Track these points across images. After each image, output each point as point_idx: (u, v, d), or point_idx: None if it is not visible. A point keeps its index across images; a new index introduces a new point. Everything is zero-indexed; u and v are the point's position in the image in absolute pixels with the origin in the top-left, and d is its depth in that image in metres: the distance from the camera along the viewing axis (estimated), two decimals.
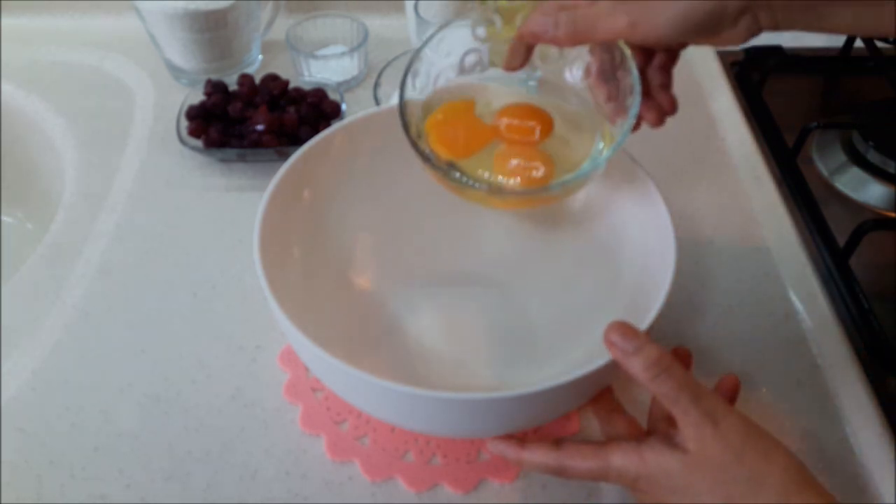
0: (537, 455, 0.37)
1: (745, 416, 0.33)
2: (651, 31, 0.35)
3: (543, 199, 0.43)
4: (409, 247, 0.52)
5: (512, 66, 0.41)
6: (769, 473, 0.32)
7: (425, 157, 0.40)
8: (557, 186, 0.39)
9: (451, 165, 0.40)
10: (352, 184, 0.47)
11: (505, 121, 0.41)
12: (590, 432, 0.45)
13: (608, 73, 0.40)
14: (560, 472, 0.36)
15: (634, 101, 0.37)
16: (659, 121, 0.40)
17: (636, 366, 0.33)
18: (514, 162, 0.40)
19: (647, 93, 0.39)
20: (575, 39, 0.37)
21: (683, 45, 0.37)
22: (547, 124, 0.41)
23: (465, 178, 0.40)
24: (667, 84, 0.40)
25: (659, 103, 0.40)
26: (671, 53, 0.39)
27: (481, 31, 0.42)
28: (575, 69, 0.42)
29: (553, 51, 0.42)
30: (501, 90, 0.44)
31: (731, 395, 0.39)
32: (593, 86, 0.41)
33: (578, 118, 0.43)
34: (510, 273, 0.51)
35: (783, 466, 0.32)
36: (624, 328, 0.34)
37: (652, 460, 0.34)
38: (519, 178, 0.40)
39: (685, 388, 0.33)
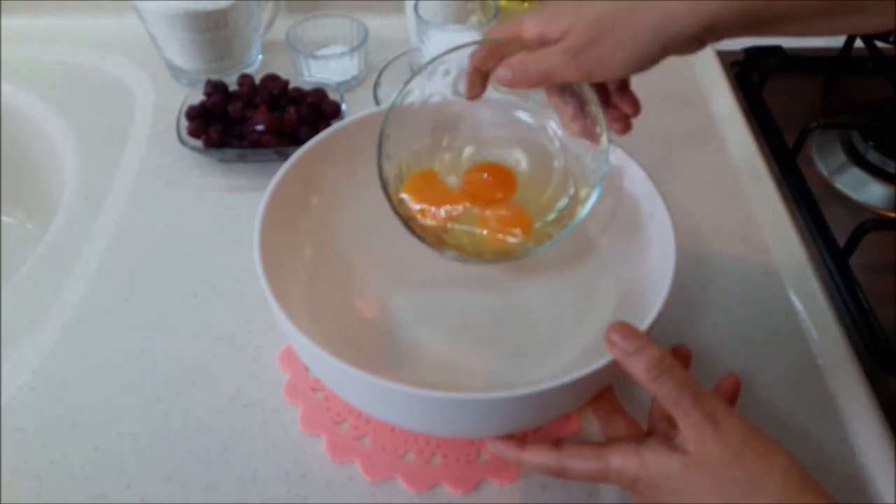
0: (537, 456, 0.37)
1: (746, 418, 0.33)
2: (606, 74, 0.38)
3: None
4: (409, 247, 0.52)
5: (472, 96, 0.44)
6: (769, 475, 0.32)
7: (418, 237, 0.44)
8: (534, 251, 0.43)
9: (440, 239, 0.44)
10: (352, 184, 0.47)
11: (470, 186, 0.44)
12: (590, 432, 0.45)
13: (566, 90, 0.42)
14: (560, 473, 0.36)
15: (603, 150, 0.41)
16: (625, 128, 0.41)
17: (637, 366, 0.33)
18: (491, 228, 0.44)
19: (606, 102, 0.41)
20: (532, 85, 0.40)
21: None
22: (509, 184, 0.44)
23: (451, 254, 0.43)
24: (624, 86, 0.41)
25: (621, 111, 0.41)
26: None
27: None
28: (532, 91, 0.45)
29: None
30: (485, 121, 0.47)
31: (731, 395, 0.39)
32: (556, 106, 0.43)
33: (547, 155, 0.45)
34: (510, 274, 0.51)
35: (783, 468, 0.32)
36: (625, 328, 0.34)
37: (652, 462, 0.34)
38: (498, 246, 0.44)
39: (686, 389, 0.33)
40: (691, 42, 0.36)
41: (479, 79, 0.43)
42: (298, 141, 0.56)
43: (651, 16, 0.36)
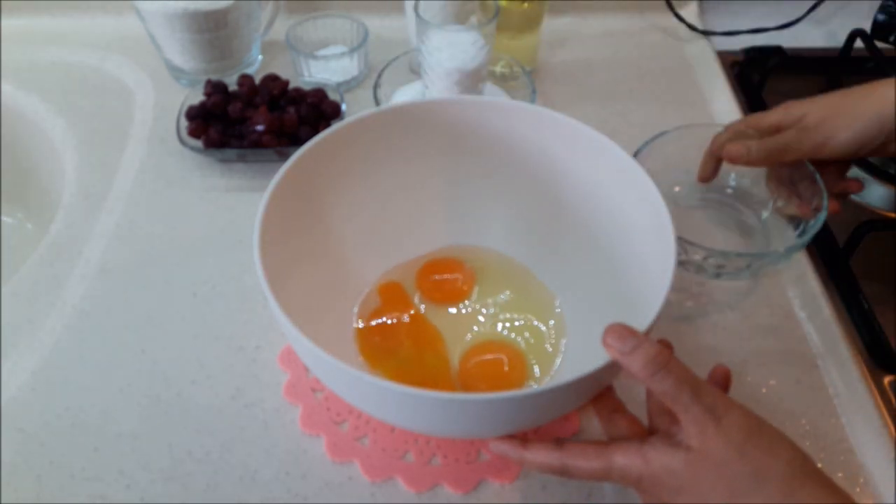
0: (540, 455, 0.37)
1: (748, 409, 0.33)
2: (832, 151, 0.47)
3: None
4: (409, 247, 0.52)
5: (705, 178, 0.53)
6: (772, 468, 0.32)
7: None
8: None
9: None
10: (352, 184, 0.47)
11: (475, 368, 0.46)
12: (590, 432, 0.45)
13: (786, 179, 0.52)
14: (562, 472, 0.36)
15: (821, 213, 0.47)
16: (838, 208, 0.50)
17: (635, 364, 0.33)
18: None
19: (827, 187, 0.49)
20: (764, 162, 0.49)
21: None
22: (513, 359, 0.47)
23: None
24: (846, 169, 0.52)
25: (844, 189, 0.51)
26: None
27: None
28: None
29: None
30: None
31: (723, 385, 0.39)
32: (771, 190, 0.53)
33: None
34: None
35: (787, 460, 0.32)
36: (620, 329, 0.34)
37: (655, 460, 0.33)
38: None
39: (685, 384, 0.33)
40: None
41: (712, 162, 0.52)
42: (298, 141, 0.56)
43: (875, 102, 0.46)
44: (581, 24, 0.78)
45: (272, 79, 0.63)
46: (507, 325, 0.48)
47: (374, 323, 0.48)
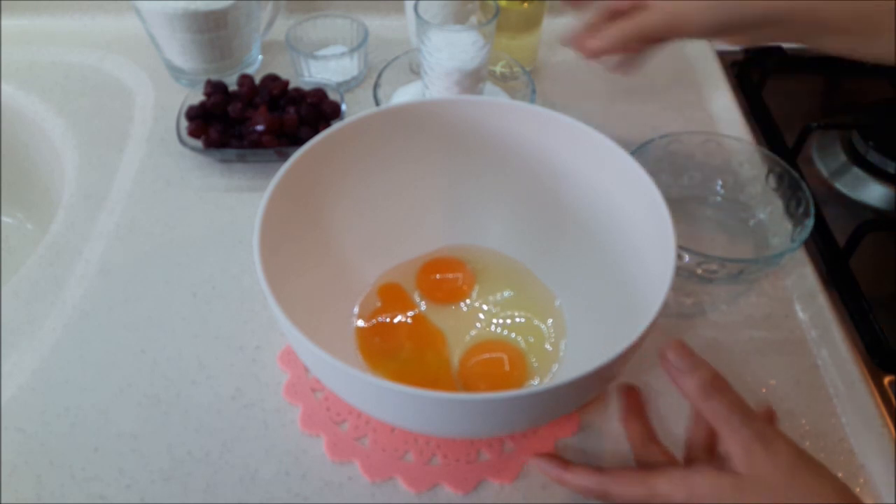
0: (580, 477, 0.37)
1: (793, 440, 0.33)
2: (688, 34, 0.46)
3: None
4: (409, 247, 0.52)
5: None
6: (822, 494, 0.32)
7: None
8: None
9: None
10: (352, 184, 0.47)
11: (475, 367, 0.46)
12: (590, 432, 0.45)
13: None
14: (602, 496, 0.36)
15: None
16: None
17: (689, 384, 0.33)
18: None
19: None
20: (626, 48, 0.48)
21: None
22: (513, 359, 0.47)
23: None
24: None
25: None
26: None
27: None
28: None
29: None
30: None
31: (767, 420, 0.39)
32: None
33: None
34: None
35: (836, 489, 0.32)
36: (680, 348, 0.34)
37: (700, 486, 0.33)
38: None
39: (736, 408, 0.33)
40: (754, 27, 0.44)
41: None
42: (298, 141, 0.56)
43: None
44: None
45: (272, 79, 0.63)
46: (508, 324, 0.48)
47: (374, 323, 0.48)
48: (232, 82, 0.63)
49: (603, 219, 0.46)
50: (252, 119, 0.60)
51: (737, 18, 0.44)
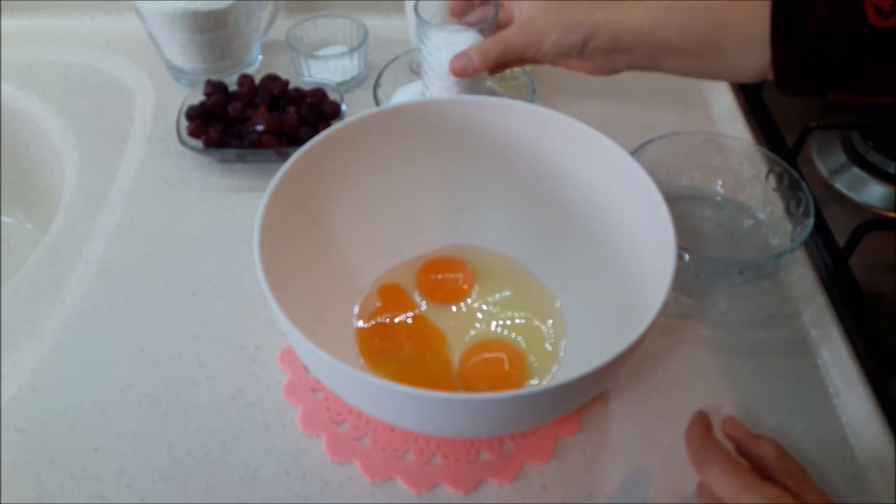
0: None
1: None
2: (543, 56, 0.49)
3: None
4: (409, 247, 0.52)
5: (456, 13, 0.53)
6: None
7: None
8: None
9: None
10: (352, 184, 0.47)
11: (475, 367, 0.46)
12: (590, 432, 0.45)
13: None
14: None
15: None
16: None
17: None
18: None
19: None
20: (495, 67, 0.51)
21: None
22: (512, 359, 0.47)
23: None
24: None
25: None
26: None
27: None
28: None
29: None
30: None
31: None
32: None
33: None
34: None
35: None
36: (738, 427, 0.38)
37: None
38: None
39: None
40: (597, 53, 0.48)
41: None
42: (298, 141, 0.56)
43: (579, 9, 0.47)
44: None
45: (272, 79, 0.63)
46: (508, 324, 0.48)
47: (374, 323, 0.48)
48: (232, 82, 0.63)
49: (603, 219, 0.46)
50: (252, 119, 0.60)
51: (589, 39, 0.46)
